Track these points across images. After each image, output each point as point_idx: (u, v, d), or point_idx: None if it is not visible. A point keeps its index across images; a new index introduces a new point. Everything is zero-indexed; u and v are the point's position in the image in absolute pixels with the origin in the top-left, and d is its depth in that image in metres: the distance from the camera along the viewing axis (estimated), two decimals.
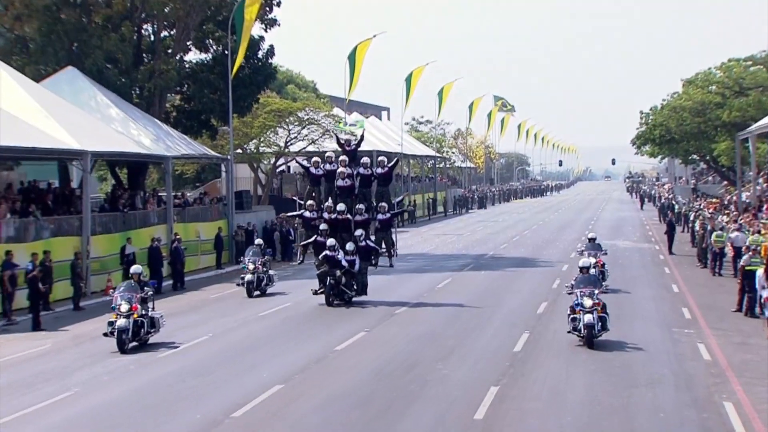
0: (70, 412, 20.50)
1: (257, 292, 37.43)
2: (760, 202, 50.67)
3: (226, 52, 52.29)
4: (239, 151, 64.51)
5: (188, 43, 55.35)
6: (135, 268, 28.00)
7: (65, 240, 37.96)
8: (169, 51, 53.97)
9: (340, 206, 33.57)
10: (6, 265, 32.07)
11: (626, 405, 19.37)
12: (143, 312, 26.34)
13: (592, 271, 28.29)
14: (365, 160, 35.95)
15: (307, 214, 34.67)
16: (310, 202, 34.67)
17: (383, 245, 35.04)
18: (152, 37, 54.36)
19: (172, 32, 54.25)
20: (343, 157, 34.76)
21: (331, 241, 32.82)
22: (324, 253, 32.89)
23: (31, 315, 31.76)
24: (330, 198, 34.28)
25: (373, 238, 34.85)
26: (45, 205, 40.62)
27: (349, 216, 33.79)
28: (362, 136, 42.23)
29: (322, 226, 33.63)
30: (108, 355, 26.43)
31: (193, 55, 57.07)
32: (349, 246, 33.04)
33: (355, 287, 33.74)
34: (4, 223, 35.44)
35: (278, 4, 55.81)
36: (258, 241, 41.39)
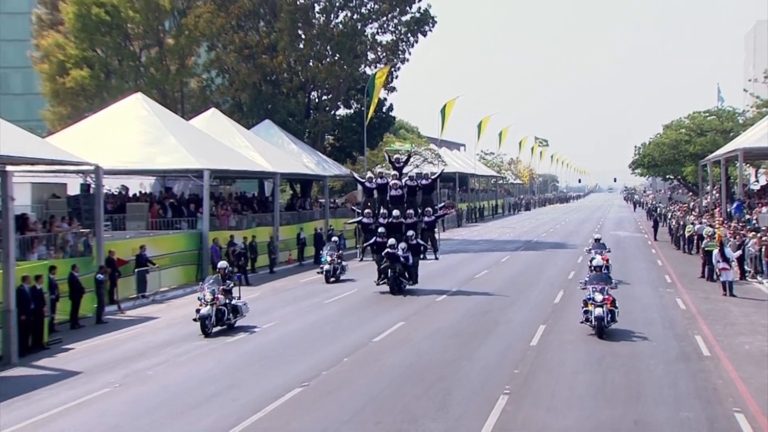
0: (277, 333, 21.18)
1: (333, 279, 31.73)
2: (714, 206, 49.90)
3: (363, 108, 52.46)
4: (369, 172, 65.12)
5: (339, 103, 55.86)
6: (221, 264, 22.82)
7: (264, 229, 38.50)
8: (327, 108, 54.54)
9: (395, 212, 28.56)
10: (230, 244, 32.93)
11: (630, 337, 19.39)
12: (225, 301, 21.53)
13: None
14: (411, 173, 31.74)
15: (365, 220, 29.39)
16: (367, 210, 29.38)
17: (429, 242, 29.75)
18: (317, 100, 54.87)
19: (329, 96, 54.79)
20: (394, 172, 29.82)
21: (391, 241, 27.74)
22: (386, 251, 27.82)
23: (243, 276, 31.45)
24: (382, 206, 29.15)
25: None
26: (251, 207, 41.81)
27: (401, 220, 28.72)
28: (409, 156, 36.90)
29: (380, 229, 28.49)
30: (297, 300, 27.09)
31: (342, 111, 57.50)
32: (403, 244, 28.00)
33: (408, 277, 28.52)
34: (229, 218, 36.47)
35: (396, 78, 56.02)
36: (334, 238, 35.82)
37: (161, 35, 51.97)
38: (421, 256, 29.36)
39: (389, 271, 27.98)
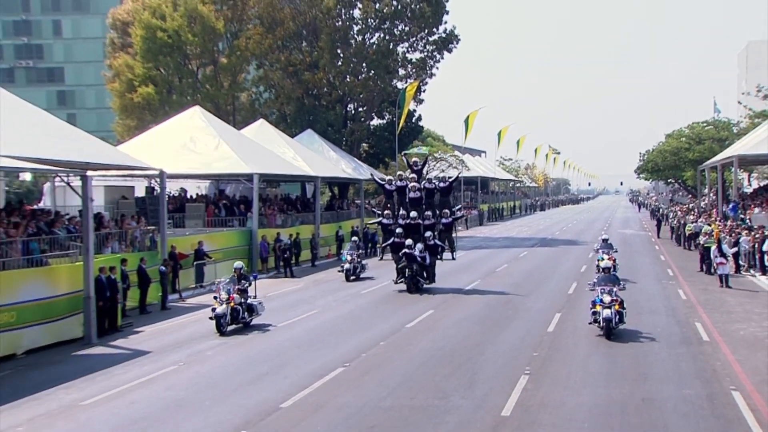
0: (320, 320, 21.21)
1: (353, 277, 29.69)
2: (711, 207, 49.47)
3: (394, 119, 52.55)
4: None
5: (373, 114, 55.92)
6: (237, 264, 20.76)
7: (307, 227, 38.61)
8: (362, 119, 54.74)
9: (413, 213, 26.46)
10: (276, 240, 33.15)
11: (637, 323, 19.28)
12: (241, 300, 19.77)
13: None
14: (429, 176, 29.57)
15: (384, 221, 27.17)
16: (386, 212, 27.25)
17: (446, 243, 27.37)
18: (353, 111, 55.09)
19: (364, 108, 54.94)
20: (412, 175, 27.37)
21: (409, 241, 25.71)
22: (404, 251, 25.85)
23: (287, 269, 32.26)
24: (401, 208, 26.98)
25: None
26: (295, 207, 42.04)
27: (419, 221, 26.54)
28: (426, 159, 33.29)
29: (398, 230, 26.38)
30: (335, 291, 26.97)
31: (375, 121, 57.52)
32: (420, 245, 25.95)
33: (426, 277, 26.49)
34: (275, 217, 36.71)
35: (424, 91, 56.00)
36: (354, 238, 33.65)
37: (216, 55, 52.57)
38: (439, 257, 27.21)
39: (407, 270, 26.10)
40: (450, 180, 28.54)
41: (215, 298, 19.76)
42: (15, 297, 17.18)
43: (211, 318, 19.41)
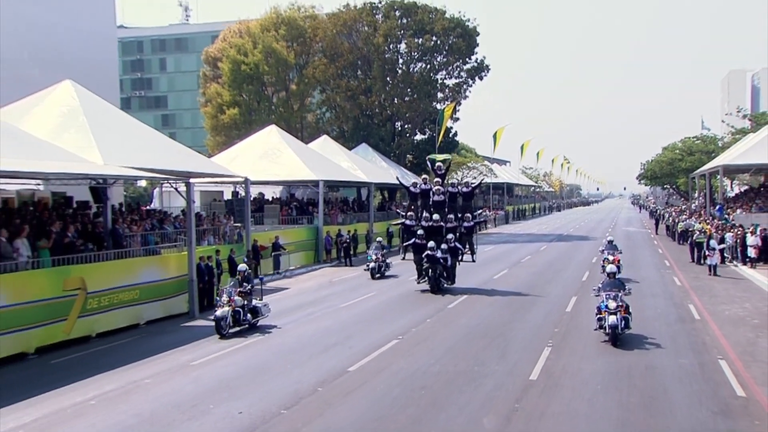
0: (376, 301, 21.39)
1: (378, 275, 26.94)
2: (700, 208, 48.72)
3: (434, 134, 52.63)
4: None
5: (416, 131, 56.16)
6: (241, 267, 17.97)
7: (362, 224, 38.78)
8: (407, 135, 55.03)
9: (435, 216, 23.15)
10: (338, 235, 33.38)
11: (641, 306, 18.93)
12: (243, 303, 16.89)
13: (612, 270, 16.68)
14: (453, 181, 25.07)
15: (408, 222, 23.90)
16: (410, 213, 24.12)
17: (467, 246, 23.96)
18: (400, 128, 55.34)
19: (409, 125, 55.20)
20: (436, 179, 23.88)
21: (431, 243, 22.53)
22: (426, 253, 22.59)
23: (347, 259, 32.54)
24: (425, 210, 23.60)
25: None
26: (352, 208, 42.30)
27: (441, 223, 23.19)
28: (449, 165, 27.49)
29: (420, 231, 23.10)
30: (388, 278, 26.84)
31: (418, 136, 57.53)
32: (443, 246, 22.83)
33: (447, 277, 23.28)
34: (337, 216, 37.00)
35: (459, 110, 56.09)
36: (378, 239, 30.91)
37: (287, 83, 53.46)
38: (459, 259, 23.86)
39: (430, 271, 23.01)
40: (473, 185, 24.98)
41: (215, 301, 17.59)
42: (137, 279, 17.91)
43: (211, 318, 17.02)
